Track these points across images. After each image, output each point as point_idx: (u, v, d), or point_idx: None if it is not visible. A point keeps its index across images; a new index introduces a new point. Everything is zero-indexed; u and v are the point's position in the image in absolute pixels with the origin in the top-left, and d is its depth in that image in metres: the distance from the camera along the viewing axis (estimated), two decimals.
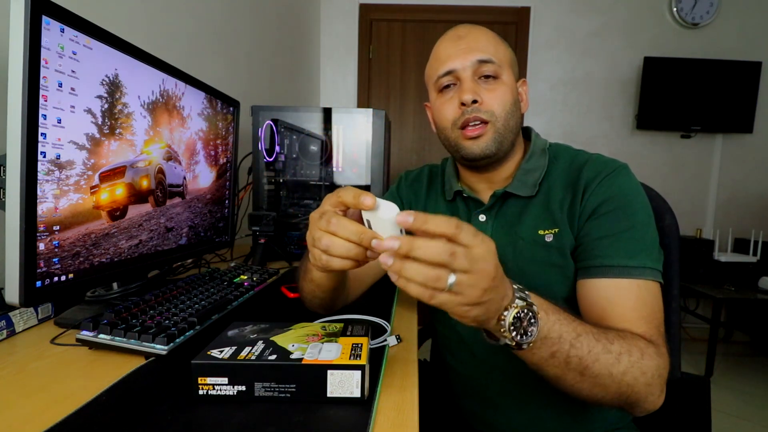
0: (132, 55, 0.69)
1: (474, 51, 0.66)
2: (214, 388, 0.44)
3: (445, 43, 0.69)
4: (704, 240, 2.57)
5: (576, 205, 0.64)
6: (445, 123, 0.69)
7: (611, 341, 0.49)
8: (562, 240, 0.64)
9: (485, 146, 0.66)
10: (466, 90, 0.65)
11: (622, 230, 0.60)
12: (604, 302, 0.58)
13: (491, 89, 0.66)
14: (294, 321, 0.57)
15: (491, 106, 0.65)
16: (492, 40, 0.68)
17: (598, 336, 0.49)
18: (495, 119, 0.66)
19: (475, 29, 0.68)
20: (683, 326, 2.78)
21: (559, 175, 0.68)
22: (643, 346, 0.52)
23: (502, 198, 0.70)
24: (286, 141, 1.30)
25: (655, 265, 0.59)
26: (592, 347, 0.48)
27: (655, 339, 0.55)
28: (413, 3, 2.78)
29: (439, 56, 0.69)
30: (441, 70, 0.68)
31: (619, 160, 0.66)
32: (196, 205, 0.94)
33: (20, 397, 0.45)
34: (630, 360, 0.49)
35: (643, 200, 0.62)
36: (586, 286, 0.61)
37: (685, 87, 2.65)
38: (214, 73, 1.47)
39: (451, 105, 0.67)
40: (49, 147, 0.54)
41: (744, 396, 2.08)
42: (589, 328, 0.49)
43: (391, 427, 0.42)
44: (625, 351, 0.49)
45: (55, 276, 0.57)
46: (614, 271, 0.58)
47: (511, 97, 0.67)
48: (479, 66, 0.66)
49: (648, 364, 0.50)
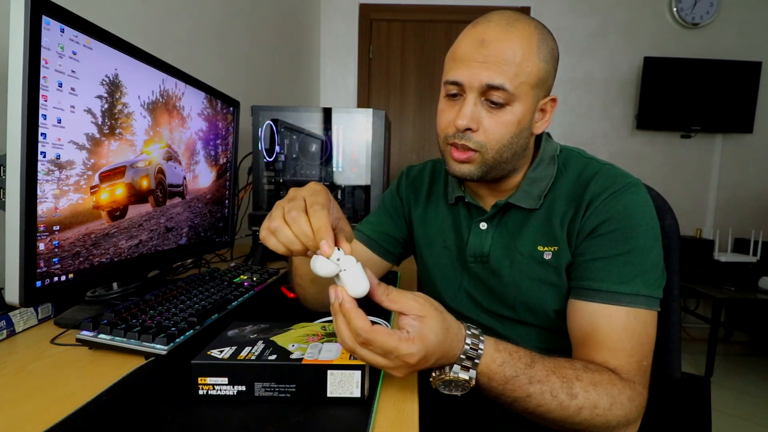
0: (132, 55, 0.69)
1: (489, 69, 0.57)
2: (214, 388, 0.44)
3: (466, 42, 0.59)
4: (704, 240, 2.57)
5: (577, 221, 0.61)
6: (440, 131, 0.65)
7: (574, 396, 0.49)
8: (561, 259, 0.62)
9: (468, 172, 0.62)
10: (463, 114, 0.59)
11: (619, 253, 0.57)
12: (587, 327, 0.57)
13: (494, 117, 0.59)
14: (294, 321, 0.57)
15: (486, 137, 0.60)
16: (520, 55, 0.57)
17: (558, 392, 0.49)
18: (485, 150, 0.60)
19: (507, 35, 0.57)
20: (683, 326, 2.78)
21: (566, 186, 0.65)
22: (617, 393, 0.50)
23: (503, 208, 0.68)
24: (286, 141, 1.30)
25: (650, 292, 0.56)
26: (544, 403, 0.48)
27: (632, 376, 0.53)
28: (413, 3, 2.79)
29: (456, 54, 0.61)
30: (450, 75, 0.60)
31: (632, 176, 0.62)
32: (196, 205, 0.94)
33: (20, 397, 0.45)
34: (593, 413, 0.49)
35: (649, 222, 0.59)
36: (574, 307, 0.60)
37: (685, 87, 2.65)
38: (214, 73, 1.47)
39: (449, 117, 0.62)
40: (49, 147, 0.54)
41: (744, 396, 2.08)
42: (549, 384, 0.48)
43: (391, 427, 0.42)
44: (589, 405, 0.49)
45: (55, 276, 0.57)
46: (602, 296, 0.56)
47: (515, 129, 0.60)
48: (488, 90, 0.58)
49: (615, 414, 0.50)
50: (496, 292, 0.68)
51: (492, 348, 0.48)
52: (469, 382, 0.47)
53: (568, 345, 0.60)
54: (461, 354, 0.46)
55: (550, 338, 0.66)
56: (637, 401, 0.52)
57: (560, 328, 0.63)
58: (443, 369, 0.47)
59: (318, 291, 0.63)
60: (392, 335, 0.41)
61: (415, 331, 0.42)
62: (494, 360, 0.47)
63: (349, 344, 0.42)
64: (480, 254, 0.69)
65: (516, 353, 0.49)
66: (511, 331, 0.68)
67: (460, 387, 0.47)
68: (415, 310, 0.43)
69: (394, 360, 0.42)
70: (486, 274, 0.69)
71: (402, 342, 0.41)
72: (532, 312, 0.65)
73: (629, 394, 0.51)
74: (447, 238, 0.75)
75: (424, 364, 0.44)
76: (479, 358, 0.46)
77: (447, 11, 2.78)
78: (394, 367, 0.43)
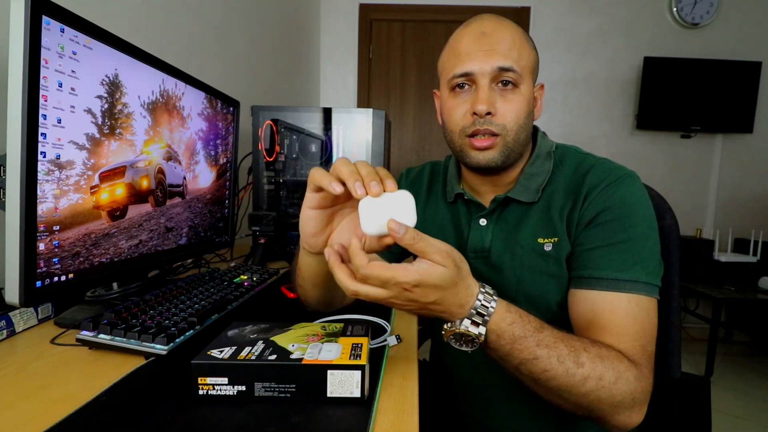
0: (132, 55, 0.69)
1: (497, 54, 0.60)
2: (214, 388, 0.44)
3: (467, 38, 0.63)
4: (704, 240, 2.57)
5: (575, 212, 0.63)
6: (453, 127, 0.66)
7: (581, 365, 0.49)
8: (561, 250, 0.63)
9: (491, 158, 0.64)
10: (481, 99, 0.61)
11: (618, 241, 0.58)
12: (590, 314, 0.58)
13: (508, 100, 0.62)
14: (294, 321, 0.57)
15: (504, 119, 0.62)
16: (518, 42, 0.62)
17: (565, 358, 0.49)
18: (506, 132, 0.62)
19: (502, 26, 0.62)
20: (683, 326, 2.78)
21: (563, 180, 0.66)
22: (623, 369, 0.51)
23: (503, 203, 0.69)
24: (286, 141, 1.30)
25: (650, 279, 0.57)
26: (549, 368, 0.48)
27: (637, 358, 0.53)
28: (413, 3, 2.79)
29: (458, 51, 0.63)
30: (458, 69, 0.62)
31: (627, 168, 0.64)
32: (196, 205, 0.94)
33: (20, 397, 0.45)
34: (598, 384, 0.49)
35: (646, 211, 0.60)
36: (575, 296, 0.60)
37: (685, 87, 2.65)
38: (214, 73, 1.47)
39: (463, 110, 0.64)
40: (49, 147, 0.54)
41: (744, 396, 2.08)
42: (557, 350, 0.49)
43: (391, 427, 0.42)
44: (595, 375, 0.49)
45: (55, 276, 0.57)
46: (603, 284, 0.57)
47: (527, 109, 0.64)
48: (500, 73, 0.61)
49: (620, 389, 0.50)
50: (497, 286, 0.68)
51: (503, 308, 0.48)
52: (479, 337, 0.47)
53: None
54: (472, 308, 0.47)
55: None
56: (643, 382, 0.52)
57: (563, 321, 0.63)
58: (454, 323, 0.47)
59: (319, 294, 0.63)
60: (389, 267, 0.43)
61: (419, 267, 0.43)
62: (504, 319, 0.48)
63: (350, 287, 0.44)
64: (481, 249, 0.70)
65: (526, 317, 0.50)
66: None
67: (470, 342, 0.48)
68: (433, 257, 0.44)
69: (393, 288, 0.43)
70: (487, 269, 0.69)
71: (398, 270, 0.42)
72: (534, 305, 0.66)
73: (635, 373, 0.52)
74: (447, 236, 0.75)
75: (426, 298, 0.44)
76: (489, 315, 0.47)
77: (447, 11, 2.78)
78: (395, 296, 0.44)
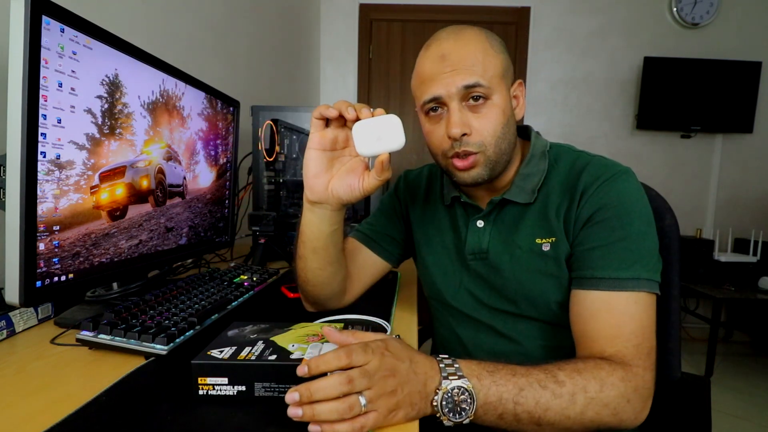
0: (132, 55, 0.69)
1: (460, 74, 0.60)
2: (214, 388, 0.44)
3: (428, 62, 0.63)
4: (704, 240, 2.57)
5: (572, 212, 0.62)
6: (435, 150, 0.67)
7: (561, 383, 0.48)
8: (559, 250, 0.63)
9: (477, 175, 0.64)
10: (454, 123, 0.60)
11: (617, 240, 0.58)
12: (587, 315, 0.58)
13: (482, 115, 0.62)
14: (294, 321, 0.57)
15: (481, 136, 0.62)
16: (480, 54, 0.61)
17: (546, 382, 0.48)
18: (485, 148, 0.62)
19: (459, 43, 0.61)
20: (683, 326, 2.78)
21: (559, 179, 0.66)
22: (605, 375, 0.50)
23: (499, 204, 0.69)
24: (286, 141, 1.30)
25: (650, 275, 0.57)
26: (540, 397, 0.47)
27: (628, 359, 0.53)
28: (413, 3, 2.78)
29: (423, 76, 0.64)
30: (426, 95, 0.63)
31: (622, 165, 0.64)
32: (196, 205, 0.94)
33: (20, 397, 0.45)
34: (586, 397, 0.49)
35: (642, 208, 0.60)
36: (577, 297, 0.60)
37: (685, 87, 2.65)
38: (214, 73, 1.47)
39: (440, 133, 0.64)
40: (49, 147, 0.54)
41: (744, 396, 2.08)
42: (534, 376, 0.48)
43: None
44: (579, 389, 0.49)
45: (55, 276, 0.57)
46: (605, 284, 0.57)
47: (503, 118, 0.63)
48: (467, 91, 0.60)
49: (609, 395, 0.49)
50: (497, 287, 0.69)
51: (464, 359, 0.49)
52: (467, 389, 0.45)
53: (572, 341, 0.60)
54: (440, 364, 0.47)
55: (553, 333, 0.66)
56: (634, 382, 0.52)
57: (563, 322, 0.63)
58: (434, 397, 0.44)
59: (320, 263, 0.64)
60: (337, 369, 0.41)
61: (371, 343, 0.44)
62: (470, 363, 0.48)
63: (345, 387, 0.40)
64: (479, 251, 0.70)
65: (486, 360, 0.50)
66: (512, 328, 0.68)
67: (462, 402, 0.45)
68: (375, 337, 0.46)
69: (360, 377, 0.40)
70: (486, 270, 0.70)
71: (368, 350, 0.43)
72: (534, 305, 0.66)
73: (621, 374, 0.51)
74: (445, 237, 0.76)
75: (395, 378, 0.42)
76: (457, 364, 0.47)
77: (447, 11, 2.77)
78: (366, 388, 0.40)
